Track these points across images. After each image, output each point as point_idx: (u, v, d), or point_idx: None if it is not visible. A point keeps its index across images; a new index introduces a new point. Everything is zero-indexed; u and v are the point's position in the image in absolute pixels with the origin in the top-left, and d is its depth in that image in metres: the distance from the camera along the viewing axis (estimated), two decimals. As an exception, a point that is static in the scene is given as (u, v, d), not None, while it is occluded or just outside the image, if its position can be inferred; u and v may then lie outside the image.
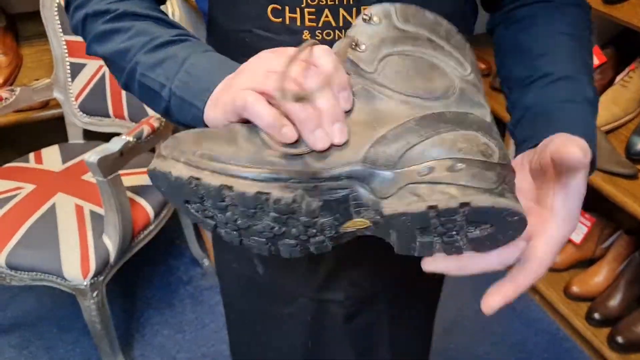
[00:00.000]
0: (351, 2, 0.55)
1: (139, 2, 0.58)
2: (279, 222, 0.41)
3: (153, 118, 1.40)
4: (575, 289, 1.60)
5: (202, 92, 0.48)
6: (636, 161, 1.40)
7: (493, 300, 0.44)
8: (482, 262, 0.44)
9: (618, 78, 1.53)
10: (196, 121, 0.48)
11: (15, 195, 1.43)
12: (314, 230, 0.43)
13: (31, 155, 1.60)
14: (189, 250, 1.85)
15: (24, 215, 1.37)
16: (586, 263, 1.67)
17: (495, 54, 0.62)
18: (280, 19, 0.56)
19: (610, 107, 1.48)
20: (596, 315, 1.52)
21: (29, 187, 1.46)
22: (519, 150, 0.51)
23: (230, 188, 0.40)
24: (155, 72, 0.51)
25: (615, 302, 1.51)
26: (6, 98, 1.52)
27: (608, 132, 1.49)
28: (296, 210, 0.40)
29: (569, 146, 0.40)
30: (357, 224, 0.43)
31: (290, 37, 0.57)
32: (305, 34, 0.57)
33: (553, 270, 1.69)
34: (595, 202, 1.72)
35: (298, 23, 0.56)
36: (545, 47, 0.55)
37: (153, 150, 1.60)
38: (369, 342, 0.84)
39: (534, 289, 1.71)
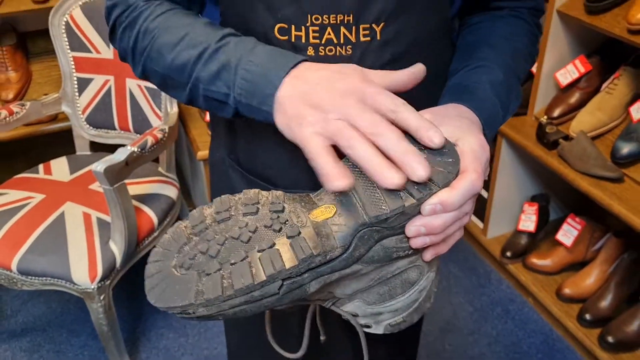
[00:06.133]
0: (351, 22, 0.61)
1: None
2: None
3: (156, 129, 1.46)
4: (567, 291, 1.64)
5: (265, 97, 0.52)
6: (622, 165, 1.45)
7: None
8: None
9: (604, 85, 1.58)
10: (269, 120, 0.53)
11: (25, 205, 1.49)
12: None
13: (41, 167, 1.66)
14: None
15: (34, 223, 1.44)
16: (578, 266, 1.71)
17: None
18: (287, 37, 0.62)
19: (596, 113, 1.53)
20: (587, 316, 1.56)
21: (38, 197, 1.52)
22: None
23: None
24: (215, 85, 0.56)
25: (605, 303, 1.55)
26: (17, 112, 1.60)
27: (594, 137, 1.53)
28: None
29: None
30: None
31: (295, 53, 0.61)
32: (310, 50, 0.62)
33: (546, 273, 1.73)
34: (585, 206, 1.76)
35: (303, 40, 0.62)
36: (481, 44, 0.67)
37: (156, 160, 1.66)
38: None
39: (527, 291, 1.75)
